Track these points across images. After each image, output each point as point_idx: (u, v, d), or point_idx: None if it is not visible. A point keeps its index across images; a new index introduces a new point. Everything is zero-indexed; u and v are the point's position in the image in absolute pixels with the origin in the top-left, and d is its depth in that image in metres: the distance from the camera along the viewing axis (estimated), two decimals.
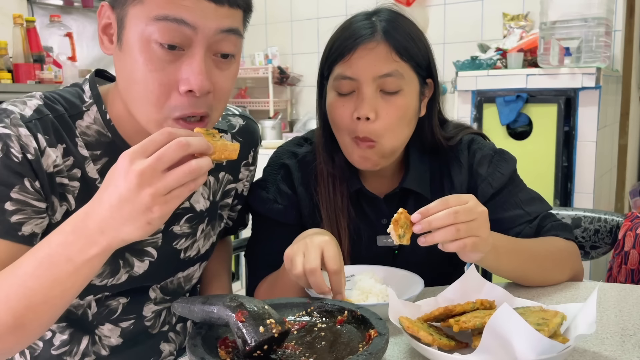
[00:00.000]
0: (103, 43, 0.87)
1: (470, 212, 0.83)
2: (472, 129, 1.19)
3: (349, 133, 1.03)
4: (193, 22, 0.78)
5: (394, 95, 1.01)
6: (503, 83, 2.57)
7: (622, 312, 0.90)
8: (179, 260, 1.03)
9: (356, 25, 1.03)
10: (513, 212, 1.08)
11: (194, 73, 0.79)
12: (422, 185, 1.10)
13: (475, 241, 0.84)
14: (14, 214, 0.82)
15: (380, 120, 1.00)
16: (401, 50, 1.01)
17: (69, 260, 0.71)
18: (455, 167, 1.12)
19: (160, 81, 0.80)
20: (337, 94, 1.04)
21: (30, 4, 2.92)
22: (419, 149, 1.12)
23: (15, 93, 2.31)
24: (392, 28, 1.02)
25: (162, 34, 0.78)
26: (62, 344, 0.96)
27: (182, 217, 1.01)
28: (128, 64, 0.82)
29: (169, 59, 0.80)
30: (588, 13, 2.43)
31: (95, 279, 0.93)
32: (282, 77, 3.80)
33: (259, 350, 0.69)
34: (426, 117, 1.10)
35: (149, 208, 0.67)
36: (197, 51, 0.80)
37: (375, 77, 1.00)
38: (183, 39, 0.79)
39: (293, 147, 1.18)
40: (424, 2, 3.31)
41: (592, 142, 2.47)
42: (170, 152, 0.67)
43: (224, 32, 0.81)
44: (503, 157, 1.13)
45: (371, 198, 1.12)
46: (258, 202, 1.13)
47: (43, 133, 0.84)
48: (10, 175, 0.81)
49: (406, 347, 0.80)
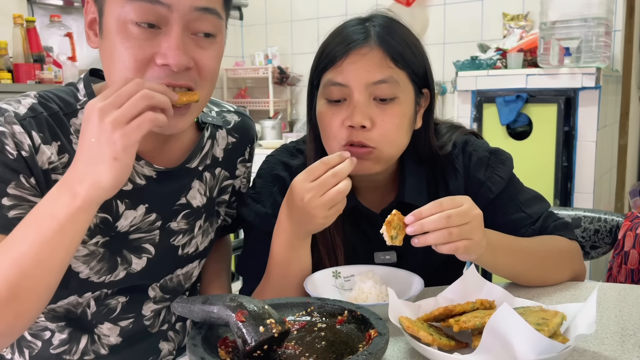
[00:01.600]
0: (89, 38, 0.89)
1: (463, 215, 0.83)
2: (464, 128, 1.15)
3: (338, 141, 0.98)
4: (167, 0, 0.80)
5: (389, 103, 0.97)
6: (503, 83, 2.57)
7: (622, 312, 0.90)
8: (177, 257, 1.03)
9: (348, 30, 0.99)
10: (515, 215, 1.07)
11: (170, 48, 0.82)
12: (419, 198, 1.05)
13: (468, 244, 0.84)
14: (11, 209, 0.83)
15: (378, 129, 0.96)
16: (396, 56, 0.97)
17: (53, 218, 0.75)
18: (451, 173, 1.08)
19: (135, 57, 0.82)
20: (326, 101, 0.99)
21: (30, 4, 2.91)
22: (414, 160, 1.08)
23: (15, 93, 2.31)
24: (387, 33, 0.98)
25: (137, 13, 0.80)
26: (61, 343, 0.96)
27: (179, 214, 1.01)
28: (108, 48, 0.84)
29: (145, 36, 0.82)
30: (588, 13, 2.43)
31: (93, 275, 0.93)
32: (282, 77, 3.80)
33: (259, 350, 0.69)
34: (422, 129, 1.06)
35: (111, 139, 0.72)
36: (173, 28, 0.82)
37: (368, 83, 0.95)
38: (158, 17, 0.81)
39: (286, 157, 1.12)
40: (424, 2, 3.31)
41: (592, 142, 2.47)
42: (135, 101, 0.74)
43: (200, 10, 0.83)
44: (500, 158, 1.10)
45: (367, 215, 1.08)
46: (255, 216, 1.06)
47: (37, 131, 0.85)
48: (6, 171, 0.83)
49: (406, 347, 0.80)
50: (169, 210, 0.99)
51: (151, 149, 0.95)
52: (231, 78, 4.03)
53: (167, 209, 0.99)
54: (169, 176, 0.98)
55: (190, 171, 1.01)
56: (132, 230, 0.96)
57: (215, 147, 1.06)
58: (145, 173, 0.95)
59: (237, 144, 1.10)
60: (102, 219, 0.93)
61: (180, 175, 1.00)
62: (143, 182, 0.95)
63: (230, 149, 1.09)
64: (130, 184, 0.94)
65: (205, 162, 1.04)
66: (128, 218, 0.95)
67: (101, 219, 0.92)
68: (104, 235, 0.93)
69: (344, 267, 1.04)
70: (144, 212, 0.96)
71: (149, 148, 0.95)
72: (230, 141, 1.09)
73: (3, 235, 0.82)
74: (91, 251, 0.92)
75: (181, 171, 1.00)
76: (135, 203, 0.95)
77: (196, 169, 1.02)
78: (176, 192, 1.00)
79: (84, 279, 0.93)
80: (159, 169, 0.96)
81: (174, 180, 0.99)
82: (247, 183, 1.16)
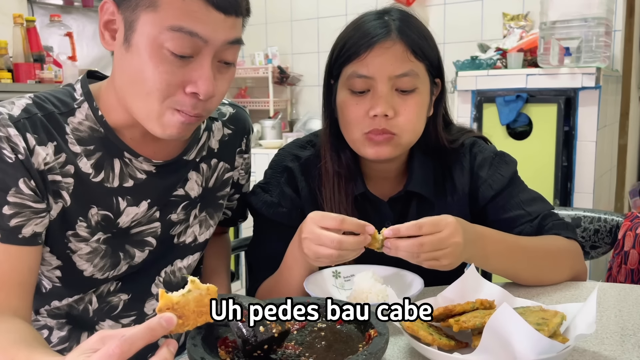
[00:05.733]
0: (104, 38, 0.88)
1: (437, 243, 0.86)
2: (475, 132, 1.20)
3: (361, 129, 1.03)
4: (205, 35, 0.82)
5: (410, 94, 1.02)
6: (503, 83, 2.57)
7: (622, 312, 0.90)
8: (174, 246, 1.03)
9: (370, 25, 1.03)
10: (514, 212, 1.09)
11: (202, 79, 0.84)
12: (426, 188, 1.10)
13: (432, 264, 0.88)
14: (12, 218, 0.83)
15: (401, 117, 1.01)
16: (417, 50, 1.02)
17: None
18: (458, 169, 1.12)
19: (168, 82, 0.83)
20: (350, 92, 1.04)
21: (30, 4, 2.92)
22: (423, 150, 1.13)
23: (15, 93, 2.31)
24: (407, 27, 1.03)
25: (174, 43, 0.81)
26: (61, 341, 0.97)
27: (179, 205, 1.02)
28: (135, 64, 0.84)
29: (179, 64, 0.83)
30: (588, 13, 2.43)
31: (97, 272, 0.94)
32: (282, 76, 3.81)
33: (259, 350, 0.69)
34: (431, 117, 1.11)
35: None
36: (205, 59, 0.84)
37: (391, 76, 1.00)
38: (194, 49, 0.83)
39: (296, 149, 1.17)
40: (424, 2, 3.31)
41: (592, 142, 2.47)
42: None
43: (231, 43, 0.85)
44: (503, 159, 1.13)
45: (375, 202, 1.12)
46: (262, 205, 1.12)
47: (32, 132, 0.86)
48: (6, 178, 0.83)
49: (406, 347, 0.80)
50: (168, 202, 1.00)
51: (150, 147, 0.96)
52: None
53: (167, 201, 1.00)
54: (167, 169, 0.99)
55: (187, 163, 1.02)
56: (134, 225, 0.97)
57: (211, 138, 1.08)
58: (144, 168, 0.96)
59: (233, 135, 1.12)
60: (104, 216, 0.93)
61: (178, 167, 1.01)
62: (144, 176, 0.96)
63: (226, 140, 1.10)
64: (131, 180, 0.95)
65: (202, 154, 1.05)
66: (130, 214, 0.95)
67: (102, 216, 0.93)
68: (105, 232, 0.94)
69: (344, 267, 1.04)
70: (146, 208, 0.97)
71: (148, 146, 0.96)
72: (226, 132, 1.10)
73: (6, 245, 0.82)
74: (94, 248, 0.93)
75: (179, 163, 1.01)
76: (137, 199, 0.96)
77: (193, 160, 1.04)
78: (174, 184, 1.01)
79: (88, 276, 0.94)
80: (158, 163, 0.97)
81: (172, 172, 1.00)
82: (245, 174, 1.17)
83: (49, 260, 0.92)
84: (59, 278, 0.94)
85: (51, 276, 0.94)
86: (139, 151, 0.95)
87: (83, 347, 0.60)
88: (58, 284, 0.94)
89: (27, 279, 0.86)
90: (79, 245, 0.92)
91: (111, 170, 0.93)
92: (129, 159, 0.94)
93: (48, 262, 0.92)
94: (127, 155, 0.94)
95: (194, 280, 0.64)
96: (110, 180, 0.93)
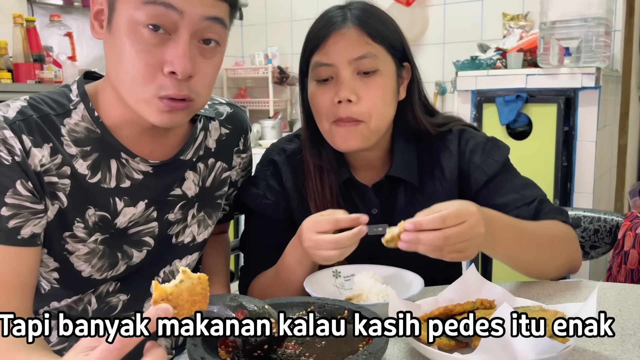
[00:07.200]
0: (94, 28, 0.90)
1: (463, 234, 0.83)
2: (463, 121, 1.21)
3: (328, 118, 1.05)
4: (180, 7, 0.82)
5: (372, 76, 1.04)
6: (503, 83, 2.57)
7: (622, 312, 0.90)
8: (172, 246, 1.03)
9: (329, 15, 1.07)
10: (509, 196, 1.09)
11: (177, 56, 0.83)
12: (408, 173, 1.11)
13: (456, 257, 0.86)
14: (10, 219, 0.83)
15: (363, 102, 1.03)
16: (373, 33, 1.04)
17: None
18: (445, 155, 1.13)
19: (146, 61, 0.84)
20: (316, 82, 1.07)
21: (30, 4, 2.91)
22: (404, 136, 1.14)
23: (15, 93, 2.31)
24: (363, 14, 1.06)
25: (149, 16, 0.82)
26: (60, 341, 0.97)
27: (176, 205, 1.02)
28: (117, 46, 0.85)
29: (156, 42, 0.83)
30: (588, 13, 2.43)
31: (95, 273, 0.94)
32: (282, 77, 3.80)
33: (259, 350, 0.69)
34: (407, 101, 1.12)
35: None
36: (182, 36, 0.84)
37: (350, 60, 1.02)
38: (169, 22, 0.83)
39: (283, 143, 1.20)
40: (424, 2, 3.31)
41: (592, 142, 2.47)
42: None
43: (209, 19, 0.85)
44: (496, 144, 1.15)
45: (360, 188, 1.13)
46: (248, 197, 1.15)
47: (27, 134, 0.86)
48: (3, 179, 0.83)
49: (406, 347, 0.80)
50: (166, 202, 1.00)
51: (147, 147, 0.96)
52: (231, 78, 4.03)
53: (164, 201, 1.00)
54: (164, 169, 0.99)
55: (184, 162, 1.02)
56: (131, 225, 0.96)
57: (208, 138, 1.08)
58: (141, 169, 0.96)
59: (230, 135, 1.11)
60: (101, 217, 0.93)
61: (175, 167, 1.01)
62: (140, 176, 0.96)
63: (224, 140, 1.10)
64: (128, 181, 0.95)
65: (199, 153, 1.05)
66: (127, 215, 0.95)
67: (99, 217, 0.93)
68: (103, 232, 0.94)
69: (344, 267, 1.04)
70: (143, 208, 0.97)
71: (145, 146, 0.96)
72: (223, 132, 1.10)
73: (5, 246, 0.82)
74: (91, 249, 0.93)
75: (175, 163, 1.01)
76: (134, 200, 0.96)
77: (190, 160, 1.03)
78: (171, 183, 1.01)
79: (86, 277, 0.93)
80: (154, 163, 0.97)
81: (169, 172, 1.00)
82: (242, 173, 1.18)
83: (46, 262, 0.92)
84: (57, 279, 0.93)
85: (49, 277, 0.93)
86: (135, 151, 0.95)
87: (80, 346, 0.60)
88: (56, 285, 0.94)
89: (27, 280, 0.85)
90: (77, 246, 0.92)
91: (108, 171, 0.93)
92: (126, 160, 0.94)
93: (46, 263, 0.92)
94: (124, 156, 0.94)
95: (185, 270, 0.64)
96: (107, 181, 0.93)
